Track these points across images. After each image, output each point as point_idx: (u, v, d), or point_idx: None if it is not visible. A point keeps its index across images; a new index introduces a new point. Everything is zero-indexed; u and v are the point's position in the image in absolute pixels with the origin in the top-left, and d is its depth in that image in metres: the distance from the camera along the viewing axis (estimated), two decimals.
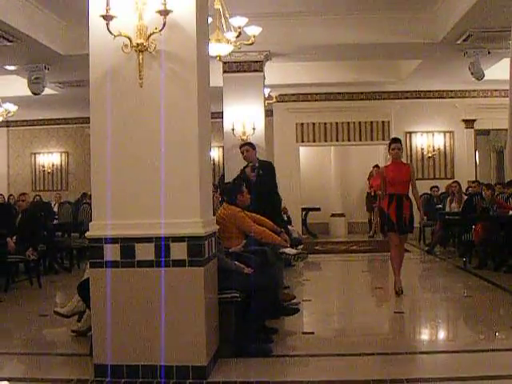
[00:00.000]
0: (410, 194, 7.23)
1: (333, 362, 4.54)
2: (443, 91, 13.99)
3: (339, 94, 14.03)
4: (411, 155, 14.17)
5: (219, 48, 7.34)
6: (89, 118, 4.21)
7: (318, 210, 14.93)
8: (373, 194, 14.29)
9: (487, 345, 4.97)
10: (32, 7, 8.42)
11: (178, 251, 4.04)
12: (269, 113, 12.96)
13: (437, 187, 13.01)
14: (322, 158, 15.93)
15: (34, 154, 16.85)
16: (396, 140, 7.33)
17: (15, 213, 9.13)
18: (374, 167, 14.66)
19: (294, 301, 6.53)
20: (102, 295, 4.08)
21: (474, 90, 13.86)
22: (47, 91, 11.09)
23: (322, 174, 15.65)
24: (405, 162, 7.56)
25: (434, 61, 10.85)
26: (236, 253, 5.61)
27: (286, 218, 10.33)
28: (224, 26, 7.30)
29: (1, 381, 4.19)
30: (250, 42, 7.38)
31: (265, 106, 10.60)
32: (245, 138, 9.98)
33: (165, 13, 3.88)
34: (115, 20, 3.92)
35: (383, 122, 14.24)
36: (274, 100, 12.65)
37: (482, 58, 9.81)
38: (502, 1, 7.51)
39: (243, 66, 9.98)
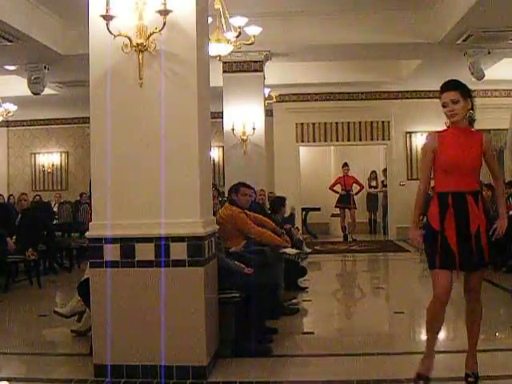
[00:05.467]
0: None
1: (333, 361, 4.53)
2: None
3: (339, 93, 14.03)
4: (411, 155, 14.16)
5: (219, 48, 7.34)
6: (89, 117, 4.21)
7: (318, 209, 14.93)
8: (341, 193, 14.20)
9: (487, 345, 4.95)
10: (32, 7, 8.42)
11: (178, 251, 4.04)
12: (269, 113, 12.96)
13: None
14: (322, 158, 15.94)
15: (34, 153, 16.83)
16: (451, 85, 3.83)
17: (15, 213, 9.13)
18: (343, 167, 14.57)
19: (294, 301, 6.55)
20: (101, 295, 4.08)
21: (474, 90, 13.51)
22: (47, 91, 11.09)
23: (321, 174, 15.64)
24: (471, 129, 3.86)
25: (434, 61, 10.85)
26: (236, 253, 5.62)
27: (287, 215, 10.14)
28: (224, 26, 7.30)
29: (1, 381, 4.18)
30: (250, 41, 7.38)
31: (265, 105, 10.60)
32: (245, 137, 10.00)
33: (165, 13, 3.88)
34: (115, 20, 3.92)
35: (383, 122, 14.23)
36: (274, 100, 12.65)
37: (482, 57, 9.80)
38: (502, 1, 7.51)
39: (243, 66, 9.98)
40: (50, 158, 16.83)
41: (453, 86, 3.82)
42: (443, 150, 3.75)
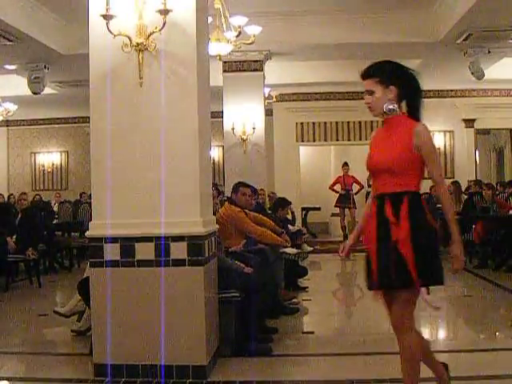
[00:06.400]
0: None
1: (333, 361, 4.54)
2: (443, 91, 13.96)
3: (339, 93, 14.01)
4: None
5: (219, 47, 7.34)
6: (89, 117, 4.21)
7: (318, 209, 14.93)
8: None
9: (487, 344, 4.97)
10: (32, 6, 8.42)
11: (178, 251, 4.03)
12: (269, 112, 12.95)
13: None
14: (322, 157, 15.93)
15: (34, 153, 16.84)
16: (365, 72, 3.05)
17: (15, 212, 9.14)
18: (343, 166, 14.57)
19: (294, 300, 6.55)
20: (101, 295, 4.07)
21: (474, 90, 13.84)
22: (47, 90, 11.09)
23: (321, 174, 15.63)
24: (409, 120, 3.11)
25: (433, 60, 10.84)
26: (236, 252, 5.62)
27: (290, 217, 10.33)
28: (224, 26, 7.30)
29: (1, 381, 4.19)
30: (250, 41, 7.38)
31: (265, 105, 10.60)
32: (245, 137, 10.00)
33: (165, 12, 3.88)
34: (115, 19, 3.91)
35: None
36: (274, 99, 12.64)
37: (482, 57, 9.80)
38: (502, 0, 7.51)
39: (243, 66, 9.99)
40: (50, 158, 16.83)
41: (367, 73, 3.01)
42: (369, 151, 3.13)
